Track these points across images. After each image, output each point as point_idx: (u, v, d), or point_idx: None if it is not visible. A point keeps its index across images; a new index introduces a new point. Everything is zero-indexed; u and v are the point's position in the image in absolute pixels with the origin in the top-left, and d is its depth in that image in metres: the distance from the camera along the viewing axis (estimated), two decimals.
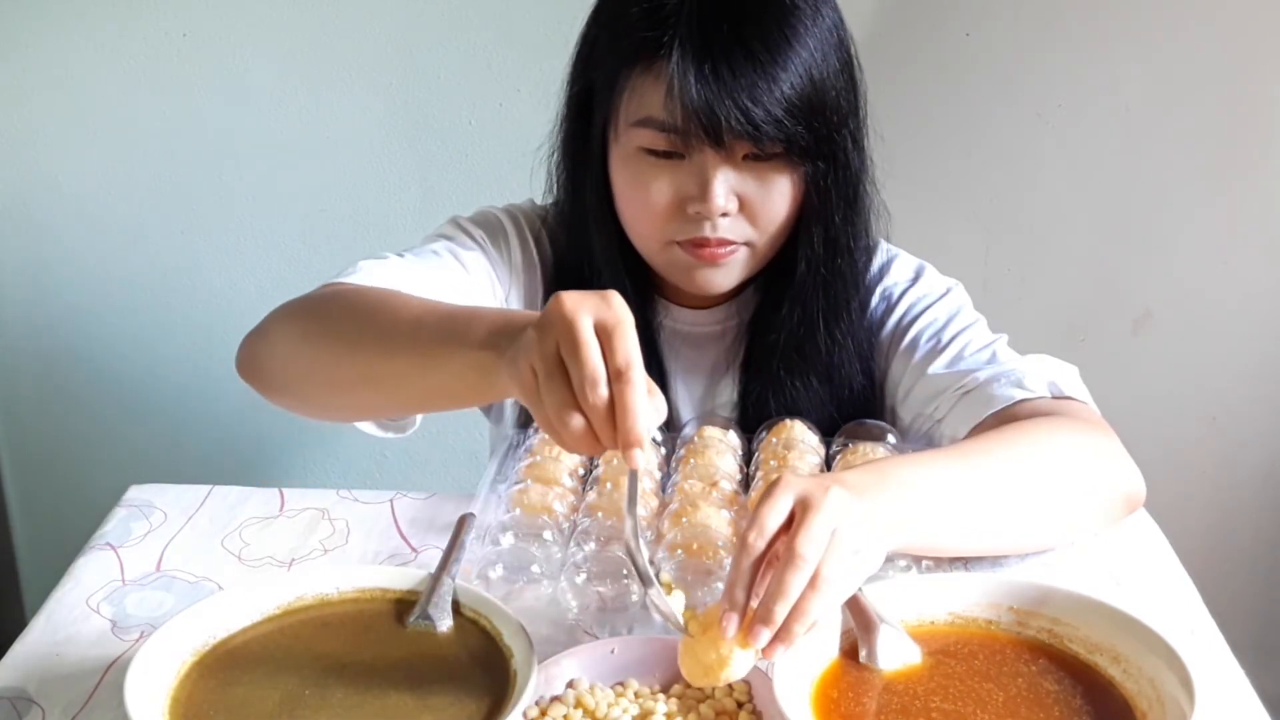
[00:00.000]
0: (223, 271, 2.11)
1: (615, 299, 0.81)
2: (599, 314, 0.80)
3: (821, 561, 0.83)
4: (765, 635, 0.83)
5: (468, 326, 0.92)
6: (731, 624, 0.83)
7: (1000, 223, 2.05)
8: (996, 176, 2.02)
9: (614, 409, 0.79)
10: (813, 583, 0.83)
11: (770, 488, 0.87)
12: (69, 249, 2.09)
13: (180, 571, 1.10)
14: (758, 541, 0.84)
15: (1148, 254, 2.05)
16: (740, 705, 0.88)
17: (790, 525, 0.85)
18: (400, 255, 1.22)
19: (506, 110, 1.96)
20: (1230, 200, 2.01)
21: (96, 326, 2.14)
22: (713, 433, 1.19)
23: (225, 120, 2.01)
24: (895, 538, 0.93)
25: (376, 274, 1.15)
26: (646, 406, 0.79)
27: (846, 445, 1.18)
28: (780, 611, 0.82)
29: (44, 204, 2.06)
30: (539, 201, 1.33)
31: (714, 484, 1.12)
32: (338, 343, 1.04)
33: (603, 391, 0.79)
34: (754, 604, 0.84)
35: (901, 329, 1.28)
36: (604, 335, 0.80)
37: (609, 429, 0.79)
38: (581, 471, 1.16)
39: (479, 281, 1.24)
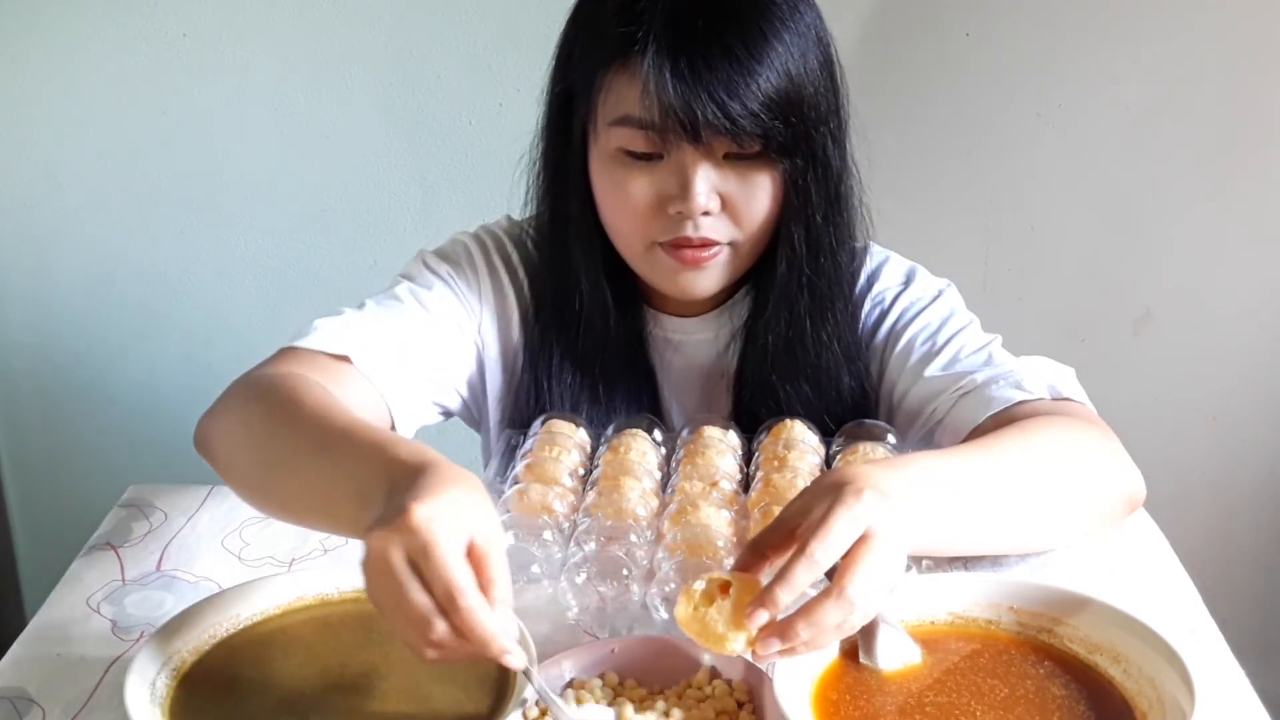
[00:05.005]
0: (223, 271, 2.11)
1: (416, 518, 0.78)
2: (406, 545, 0.79)
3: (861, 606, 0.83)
4: (775, 648, 0.83)
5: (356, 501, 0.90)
6: (758, 622, 0.83)
7: (1000, 223, 2.05)
8: (996, 176, 2.02)
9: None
10: (842, 624, 0.83)
11: (845, 493, 0.85)
12: (69, 249, 2.09)
13: (180, 571, 1.10)
14: (825, 559, 0.83)
15: (1147, 254, 2.05)
16: (740, 705, 0.88)
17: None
18: (360, 307, 1.21)
19: (506, 110, 1.96)
20: (1230, 200, 2.01)
21: (96, 326, 2.14)
22: (713, 433, 1.19)
23: (225, 120, 2.01)
24: (914, 547, 0.94)
25: (331, 335, 1.15)
26: (490, 614, 0.79)
27: (846, 445, 1.18)
28: (804, 636, 0.82)
29: (44, 204, 2.06)
30: (518, 215, 1.32)
31: (714, 484, 1.12)
32: (253, 473, 1.05)
33: (438, 629, 0.78)
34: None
35: (896, 334, 1.27)
36: (419, 565, 0.78)
37: (467, 655, 0.80)
38: (581, 472, 1.16)
39: (442, 321, 1.24)
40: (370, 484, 0.86)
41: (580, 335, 1.26)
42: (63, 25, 1.96)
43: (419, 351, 1.20)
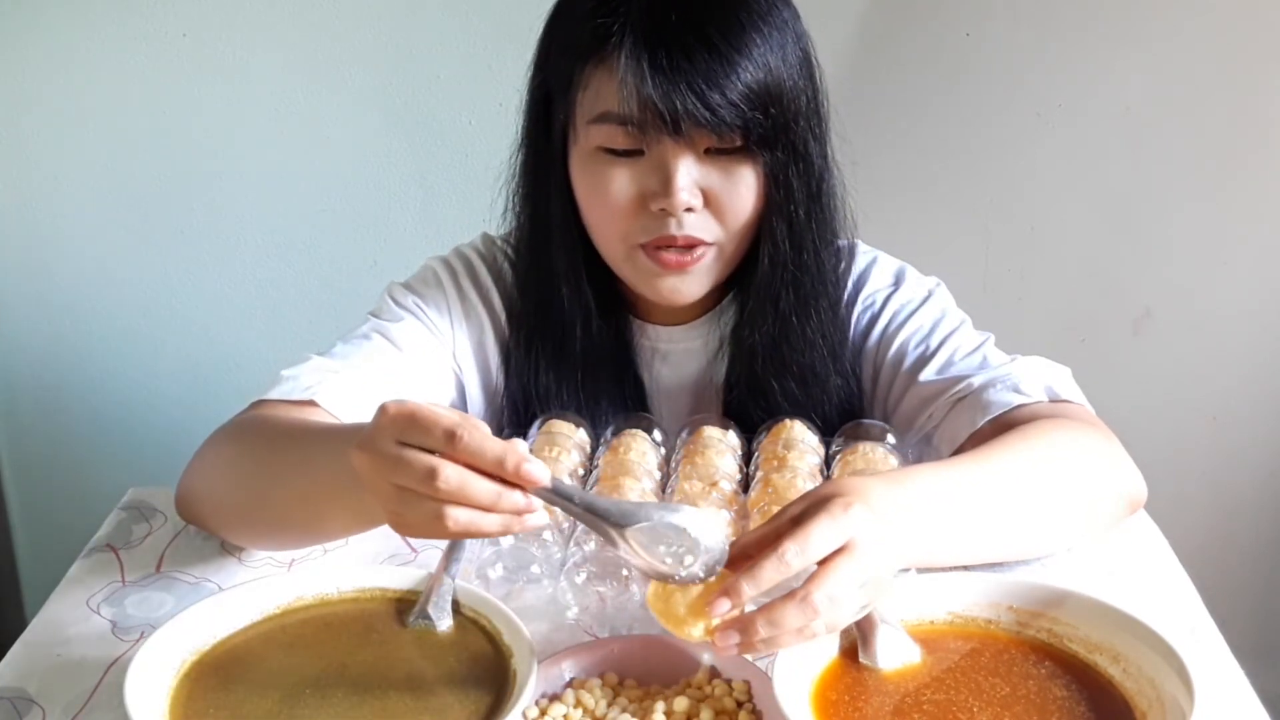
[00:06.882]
0: (223, 272, 2.11)
1: (387, 407, 0.81)
2: (388, 430, 0.81)
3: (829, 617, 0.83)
4: (733, 640, 0.83)
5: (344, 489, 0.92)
6: (719, 610, 0.83)
7: (1000, 223, 2.05)
8: (996, 176, 2.02)
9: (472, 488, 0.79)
10: (803, 629, 0.82)
11: (833, 503, 0.85)
12: (69, 249, 2.09)
13: (180, 572, 1.10)
14: (796, 561, 0.82)
15: (1147, 254, 2.05)
16: (740, 705, 0.88)
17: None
18: (328, 352, 1.21)
19: (506, 110, 1.95)
20: (1230, 200, 2.01)
21: (96, 327, 2.14)
22: (712, 433, 1.19)
23: (225, 120, 2.02)
24: (910, 562, 0.93)
25: (296, 382, 1.14)
26: (495, 441, 0.79)
27: (846, 445, 1.18)
28: (762, 634, 0.82)
29: (44, 204, 2.06)
30: (497, 228, 1.31)
31: (714, 484, 1.12)
32: (244, 505, 1.08)
33: (446, 471, 0.79)
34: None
35: (888, 338, 1.26)
36: (409, 437, 0.80)
37: (486, 492, 0.80)
38: (581, 472, 1.16)
39: (412, 354, 1.23)
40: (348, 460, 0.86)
41: (564, 344, 1.25)
42: (63, 25, 1.96)
43: (389, 387, 1.19)
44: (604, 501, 0.84)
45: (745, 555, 0.89)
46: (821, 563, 0.84)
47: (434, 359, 1.26)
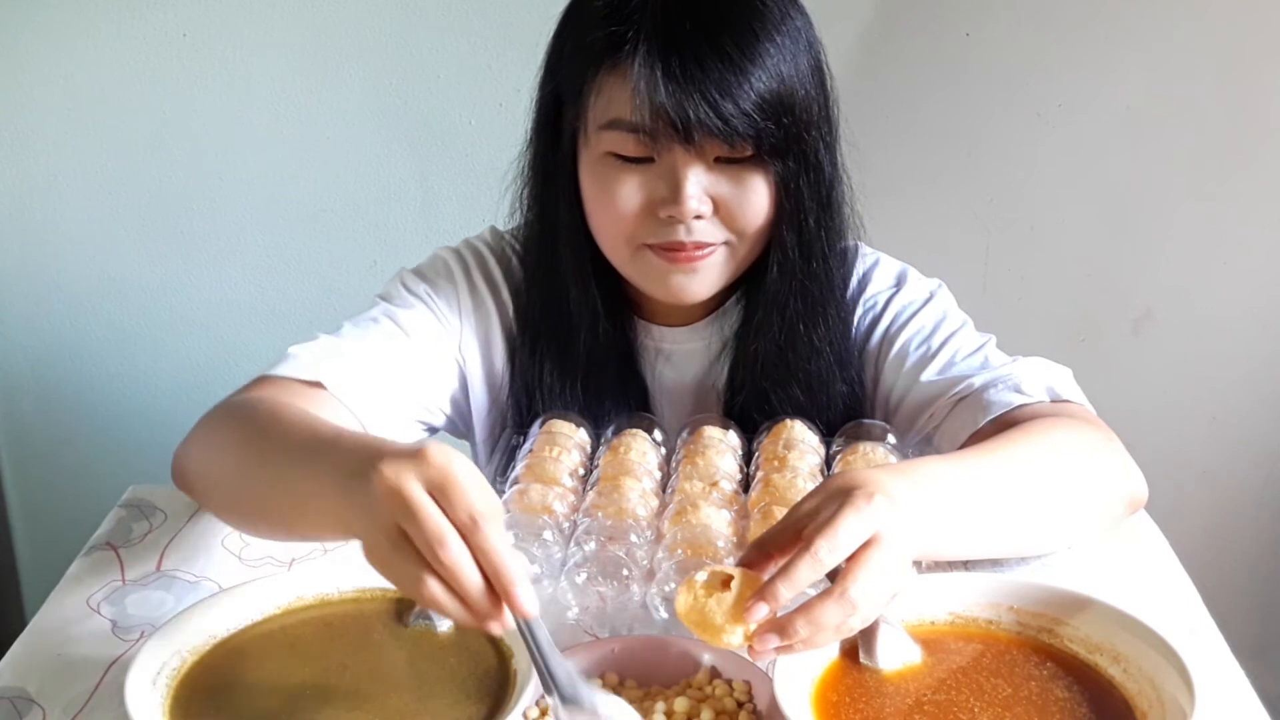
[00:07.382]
0: (223, 272, 2.11)
1: (433, 453, 0.77)
2: (424, 475, 0.77)
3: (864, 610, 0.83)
4: (772, 644, 0.83)
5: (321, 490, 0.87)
6: (758, 615, 0.83)
7: (1000, 223, 2.05)
8: (996, 176, 2.02)
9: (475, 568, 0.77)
10: (841, 625, 0.83)
11: (855, 495, 0.85)
12: (69, 249, 2.09)
13: (180, 571, 1.10)
14: (829, 559, 0.82)
15: (1148, 254, 2.06)
16: (740, 705, 0.88)
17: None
18: (337, 332, 1.21)
19: (506, 110, 1.96)
20: (1230, 200, 2.01)
21: (96, 326, 2.14)
22: (713, 433, 1.19)
23: (225, 120, 2.02)
24: (918, 553, 0.93)
25: (304, 361, 1.14)
26: (510, 548, 0.77)
27: (846, 445, 1.18)
28: (802, 634, 0.82)
29: (44, 204, 2.06)
30: (505, 224, 1.31)
31: (714, 484, 1.12)
32: (232, 487, 1.04)
33: (453, 548, 0.76)
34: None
35: (890, 338, 1.27)
36: (438, 495, 0.77)
37: (473, 588, 0.77)
38: (581, 472, 1.16)
39: (419, 341, 1.23)
40: (358, 467, 0.81)
41: (569, 344, 1.25)
42: (63, 25, 1.96)
43: (395, 373, 1.19)
44: (559, 667, 0.81)
45: (765, 554, 0.89)
46: (851, 557, 0.84)
47: (440, 349, 1.26)
